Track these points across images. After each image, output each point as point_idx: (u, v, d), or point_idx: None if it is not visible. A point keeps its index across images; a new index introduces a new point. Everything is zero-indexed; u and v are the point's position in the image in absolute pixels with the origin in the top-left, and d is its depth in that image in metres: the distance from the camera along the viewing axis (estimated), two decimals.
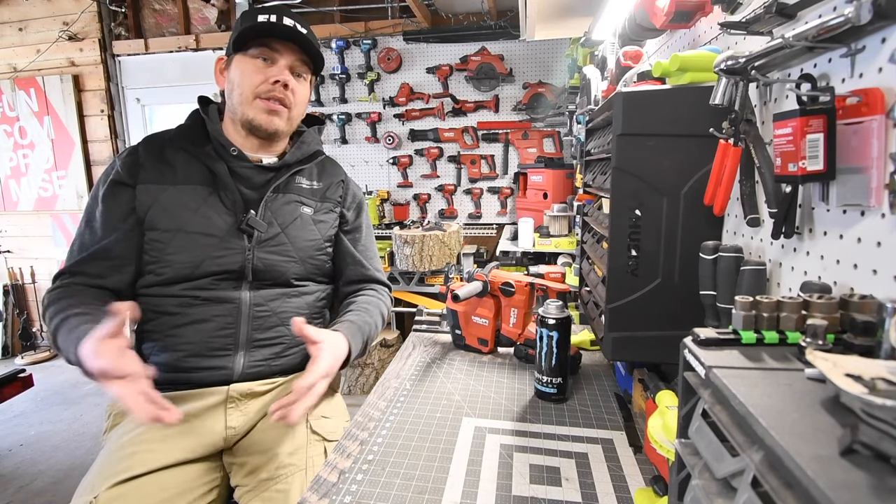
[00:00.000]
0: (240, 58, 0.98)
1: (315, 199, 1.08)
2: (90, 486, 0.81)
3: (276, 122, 1.00)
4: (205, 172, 0.99)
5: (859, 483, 0.24)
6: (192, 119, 1.05)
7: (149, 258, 0.95)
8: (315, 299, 1.08)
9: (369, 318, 1.05)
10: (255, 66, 0.97)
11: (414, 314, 2.03)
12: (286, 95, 0.99)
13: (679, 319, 0.74)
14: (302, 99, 1.04)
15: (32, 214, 3.65)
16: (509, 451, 0.77)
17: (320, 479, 0.71)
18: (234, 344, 0.96)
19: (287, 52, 0.98)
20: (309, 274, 1.06)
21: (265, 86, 0.97)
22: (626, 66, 1.06)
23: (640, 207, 0.74)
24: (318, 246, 1.07)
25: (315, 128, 1.15)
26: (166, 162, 0.98)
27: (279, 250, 1.01)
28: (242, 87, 0.97)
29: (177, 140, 1.01)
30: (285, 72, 0.98)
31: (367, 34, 3.14)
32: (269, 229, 1.00)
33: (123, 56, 3.45)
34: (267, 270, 0.99)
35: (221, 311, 0.96)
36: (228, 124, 1.04)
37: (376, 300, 1.11)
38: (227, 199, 0.98)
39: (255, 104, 0.98)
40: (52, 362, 3.52)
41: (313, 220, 1.07)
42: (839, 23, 0.45)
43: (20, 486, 2.09)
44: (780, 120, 0.53)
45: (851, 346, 0.37)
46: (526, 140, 3.10)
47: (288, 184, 1.05)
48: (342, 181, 1.15)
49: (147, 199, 0.95)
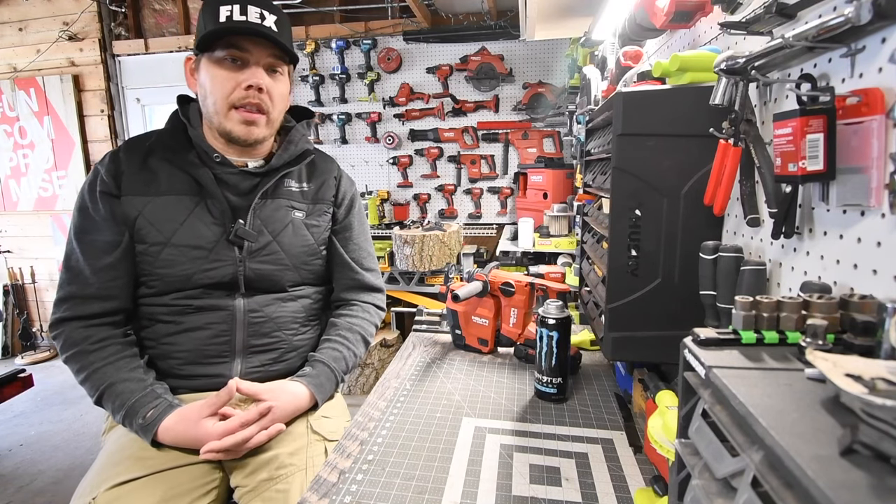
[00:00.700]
0: (207, 61, 0.91)
1: (306, 201, 1.05)
2: (89, 486, 0.81)
3: (255, 132, 0.94)
4: (189, 181, 0.95)
5: (859, 483, 0.24)
6: (172, 123, 0.99)
7: (139, 270, 0.94)
8: (311, 303, 1.07)
9: (346, 350, 1.04)
10: (224, 72, 0.90)
11: (414, 314, 2.03)
12: (262, 101, 0.92)
13: (679, 319, 0.74)
14: (280, 97, 0.96)
15: (32, 214, 3.65)
16: (509, 451, 0.77)
17: (320, 479, 0.71)
18: (230, 351, 0.96)
19: (257, 50, 0.90)
20: (304, 279, 1.05)
21: (238, 93, 0.90)
22: (626, 66, 1.06)
23: (640, 207, 0.74)
24: (313, 251, 1.05)
25: (303, 122, 1.08)
26: (149, 171, 0.94)
27: (271, 259, 0.98)
28: (215, 95, 0.91)
29: (158, 147, 0.96)
30: (258, 73, 0.91)
31: (367, 34, 3.14)
32: (260, 238, 0.97)
33: (123, 56, 3.45)
34: (260, 280, 0.98)
35: (216, 318, 0.95)
36: (208, 129, 0.98)
37: (359, 321, 1.09)
38: (215, 208, 0.95)
39: (230, 115, 0.92)
40: (52, 362, 3.52)
41: (306, 224, 1.04)
42: (839, 23, 0.45)
43: (20, 486, 2.09)
44: (780, 120, 0.53)
45: (851, 346, 0.37)
46: (526, 140, 3.10)
47: (277, 188, 1.01)
48: (335, 177, 1.11)
49: (132, 212, 0.92)
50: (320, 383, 0.96)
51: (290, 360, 1.03)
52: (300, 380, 0.95)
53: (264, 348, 0.99)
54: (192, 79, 0.98)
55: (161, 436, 0.84)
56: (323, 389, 0.97)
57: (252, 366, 0.98)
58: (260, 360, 0.99)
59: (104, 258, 0.92)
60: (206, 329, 0.95)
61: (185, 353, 0.95)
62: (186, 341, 0.94)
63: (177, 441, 0.84)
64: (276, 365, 1.01)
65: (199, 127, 0.98)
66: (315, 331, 1.09)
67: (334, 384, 1.01)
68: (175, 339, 0.94)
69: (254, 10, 0.89)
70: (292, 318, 1.03)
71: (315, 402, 0.95)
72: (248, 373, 0.97)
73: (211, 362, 0.95)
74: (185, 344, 0.94)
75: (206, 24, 0.90)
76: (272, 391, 0.90)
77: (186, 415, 0.85)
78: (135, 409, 0.85)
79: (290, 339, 1.02)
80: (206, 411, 0.84)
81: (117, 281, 0.93)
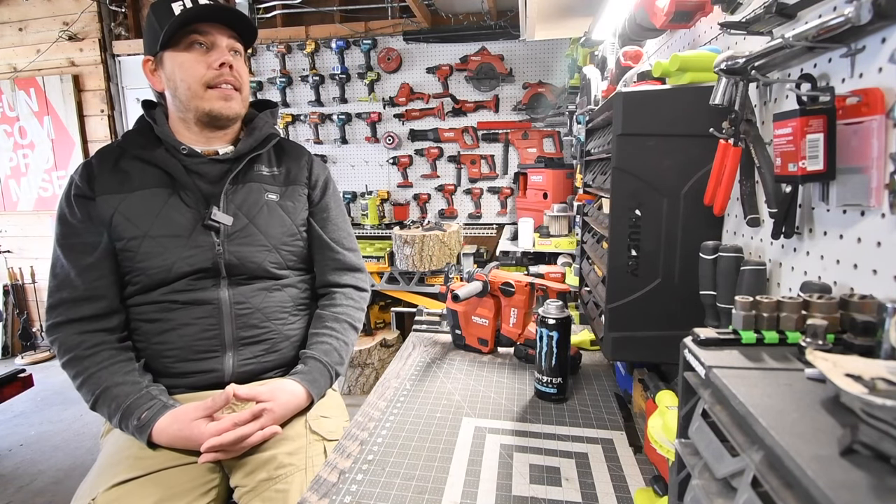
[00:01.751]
0: (171, 53, 0.95)
1: (278, 184, 1.07)
2: (89, 487, 0.81)
3: (234, 106, 0.99)
4: (161, 175, 0.97)
5: (859, 483, 0.24)
6: (139, 124, 1.02)
7: (123, 269, 0.95)
8: (298, 292, 1.08)
9: (336, 341, 1.04)
10: (193, 57, 0.94)
11: (414, 314, 2.03)
12: (235, 77, 0.97)
13: (679, 319, 0.74)
14: (246, 77, 1.02)
15: (32, 214, 3.65)
16: (509, 451, 0.77)
17: (320, 479, 0.71)
18: (220, 345, 0.97)
19: (218, 32, 0.95)
20: (286, 262, 1.05)
21: (211, 72, 0.94)
22: (626, 66, 1.06)
23: (640, 207, 0.74)
24: (291, 231, 1.06)
25: (267, 111, 1.12)
26: (121, 171, 0.97)
27: (250, 241, 1.00)
28: (188, 80, 0.94)
29: (129, 148, 0.99)
30: (225, 53, 0.96)
31: (367, 34, 3.14)
32: (236, 222, 0.99)
33: (123, 56, 3.45)
34: (241, 264, 0.98)
35: (202, 312, 0.96)
36: (176, 123, 1.01)
37: (344, 309, 1.09)
38: (188, 197, 0.97)
39: (207, 95, 0.95)
40: (52, 362, 3.52)
41: (280, 205, 1.05)
42: (839, 23, 0.45)
43: (20, 486, 2.09)
44: (780, 120, 0.53)
45: (851, 346, 0.37)
46: (526, 140, 3.10)
47: (247, 173, 1.03)
48: (306, 160, 1.13)
49: (107, 211, 0.94)
50: (314, 379, 0.97)
51: (283, 350, 1.03)
52: (294, 377, 0.95)
53: (254, 339, 0.99)
54: (154, 77, 1.01)
55: (156, 436, 0.84)
56: (317, 385, 0.97)
57: (244, 358, 0.98)
58: (252, 352, 0.99)
59: (86, 258, 0.93)
60: (193, 325, 0.95)
61: (177, 351, 0.95)
62: (176, 339, 0.95)
63: (172, 442, 0.85)
64: (268, 356, 1.01)
65: (164, 125, 1.00)
66: (305, 320, 1.09)
67: (329, 378, 1.01)
68: (165, 337, 0.95)
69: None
70: (279, 307, 1.03)
71: (312, 399, 0.95)
72: (242, 365, 0.98)
73: (202, 357, 0.96)
74: (175, 342, 0.95)
75: (161, 23, 0.92)
76: (270, 391, 0.90)
77: (180, 416, 0.85)
78: (130, 411, 0.85)
79: (280, 328, 1.03)
80: (200, 413, 0.85)
81: (102, 280, 0.94)
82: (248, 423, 0.85)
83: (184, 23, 0.92)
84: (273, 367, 1.02)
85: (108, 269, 0.95)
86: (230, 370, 0.97)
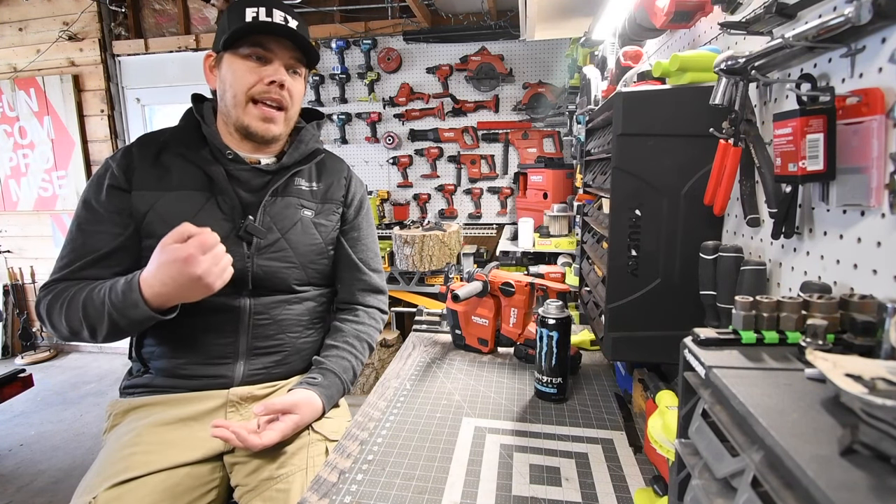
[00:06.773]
0: (230, 56, 0.94)
1: (316, 200, 1.06)
2: (89, 486, 0.80)
3: (273, 129, 0.97)
4: (201, 177, 0.96)
5: (859, 483, 0.24)
6: (186, 120, 1.01)
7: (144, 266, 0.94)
8: (316, 305, 1.07)
9: (354, 360, 1.04)
10: (247, 66, 0.93)
11: (414, 314, 2.03)
12: (283, 97, 0.96)
13: (679, 319, 0.74)
14: (298, 96, 1.00)
15: (32, 214, 3.65)
16: (509, 451, 0.77)
17: (320, 479, 0.71)
18: (234, 353, 0.96)
19: (281, 50, 0.94)
20: (310, 278, 1.05)
21: (260, 87, 0.93)
22: (626, 66, 1.06)
23: (640, 207, 0.74)
24: (320, 250, 1.05)
25: (314, 123, 1.11)
26: (162, 166, 0.95)
27: (280, 256, 0.99)
28: (235, 88, 0.94)
29: (172, 143, 0.97)
30: (281, 71, 0.95)
31: (367, 34, 3.14)
32: (269, 235, 0.97)
33: (123, 56, 3.45)
34: (267, 278, 0.98)
35: (221, 319, 0.95)
36: (222, 125, 1.00)
37: (366, 328, 1.09)
38: (225, 204, 0.95)
39: (249, 109, 0.94)
40: (52, 362, 3.52)
41: (314, 223, 1.04)
42: (839, 23, 0.45)
43: (20, 486, 2.09)
44: (780, 120, 0.53)
45: (851, 346, 0.37)
46: (526, 140, 3.10)
47: (287, 186, 1.02)
48: (345, 178, 1.12)
49: (143, 207, 0.92)
50: (331, 395, 0.96)
51: (293, 363, 1.03)
52: (315, 390, 0.94)
53: (268, 350, 0.99)
54: (210, 75, 1.00)
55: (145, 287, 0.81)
56: (332, 400, 0.97)
57: (255, 368, 0.98)
58: (262, 363, 0.99)
59: (101, 248, 0.92)
60: (211, 330, 0.95)
61: (189, 354, 0.95)
62: (191, 342, 0.94)
63: (164, 276, 0.79)
64: (278, 367, 1.01)
65: (212, 124, 0.99)
66: (319, 333, 1.09)
67: (341, 395, 1.01)
68: (180, 338, 0.94)
69: (278, 13, 0.93)
70: (296, 320, 1.03)
71: (323, 412, 0.95)
72: (251, 374, 0.97)
73: (214, 363, 0.95)
74: (189, 344, 0.94)
75: (231, 24, 0.92)
76: (298, 405, 0.88)
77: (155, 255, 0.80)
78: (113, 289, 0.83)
79: (294, 341, 1.03)
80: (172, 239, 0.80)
81: (108, 271, 0.92)
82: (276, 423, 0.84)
83: (248, 31, 0.92)
84: (280, 379, 1.02)
85: (117, 261, 0.93)
86: (238, 378, 0.96)
